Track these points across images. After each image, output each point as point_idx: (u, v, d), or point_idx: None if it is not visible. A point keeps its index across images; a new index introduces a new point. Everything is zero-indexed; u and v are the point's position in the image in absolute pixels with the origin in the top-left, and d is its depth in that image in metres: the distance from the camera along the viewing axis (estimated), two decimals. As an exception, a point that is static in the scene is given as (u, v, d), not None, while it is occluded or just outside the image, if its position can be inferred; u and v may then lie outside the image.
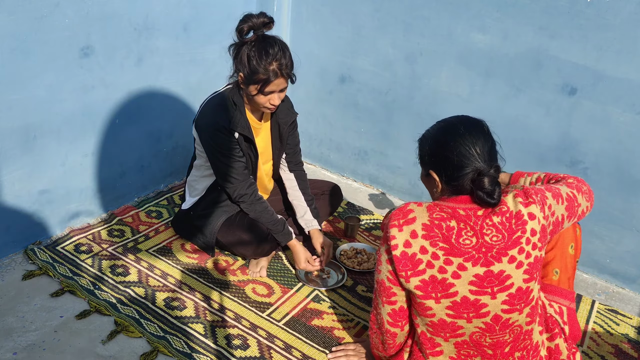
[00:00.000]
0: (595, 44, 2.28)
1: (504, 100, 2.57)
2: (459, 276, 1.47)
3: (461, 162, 1.47)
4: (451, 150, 1.48)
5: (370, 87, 2.96)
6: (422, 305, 1.52)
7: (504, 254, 1.46)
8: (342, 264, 2.45)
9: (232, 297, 2.22)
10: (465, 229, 1.48)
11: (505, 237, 1.47)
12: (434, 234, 1.48)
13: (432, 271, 1.47)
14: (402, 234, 1.50)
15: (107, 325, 2.03)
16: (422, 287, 1.49)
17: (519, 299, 1.49)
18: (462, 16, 2.56)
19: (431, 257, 1.47)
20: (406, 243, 1.49)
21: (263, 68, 2.00)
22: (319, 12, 2.98)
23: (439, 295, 1.49)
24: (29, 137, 2.23)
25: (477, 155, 1.47)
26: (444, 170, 1.51)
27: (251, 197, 2.26)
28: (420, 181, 1.67)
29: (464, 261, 1.46)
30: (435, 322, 1.54)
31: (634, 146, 2.32)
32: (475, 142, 1.47)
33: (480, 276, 1.46)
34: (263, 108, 2.15)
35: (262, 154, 2.34)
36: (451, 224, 1.48)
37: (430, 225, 1.48)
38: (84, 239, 2.46)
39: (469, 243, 1.47)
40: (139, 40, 2.49)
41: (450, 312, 1.50)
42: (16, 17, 2.03)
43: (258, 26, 2.01)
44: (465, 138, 1.48)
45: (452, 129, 1.52)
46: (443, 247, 1.47)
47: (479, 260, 1.46)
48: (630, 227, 2.42)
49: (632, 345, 2.19)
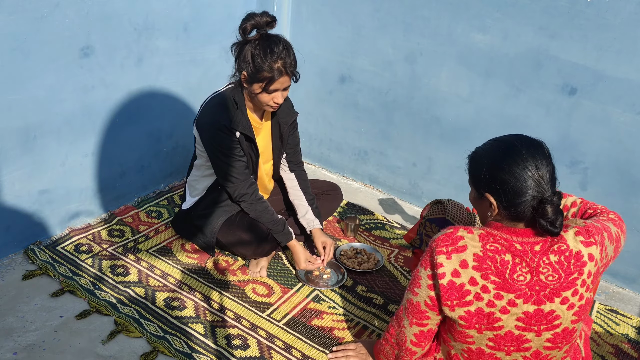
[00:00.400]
0: (595, 44, 2.28)
1: (504, 100, 2.57)
2: (508, 312, 1.41)
3: (524, 188, 1.37)
4: (513, 175, 1.38)
5: (370, 87, 2.96)
6: (463, 333, 1.47)
7: (558, 294, 1.40)
8: (342, 264, 2.45)
9: (232, 297, 2.22)
10: (521, 265, 1.41)
11: (562, 278, 1.40)
12: (486, 266, 1.41)
13: (480, 304, 1.42)
14: (450, 262, 1.42)
15: (107, 325, 2.03)
16: (466, 318, 1.44)
17: (563, 338, 1.46)
18: (462, 16, 2.56)
19: (481, 289, 1.41)
20: (454, 272, 1.42)
21: (268, 66, 2.01)
22: (319, 12, 2.98)
23: (483, 327, 1.44)
24: (29, 137, 2.23)
25: (541, 181, 1.37)
26: (503, 194, 1.40)
27: (252, 196, 2.26)
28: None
29: (516, 298, 1.40)
30: (473, 349, 1.49)
31: (634, 146, 2.32)
32: (539, 166, 1.38)
33: (529, 314, 1.41)
34: (266, 106, 2.15)
35: (263, 154, 2.34)
36: (506, 258, 1.41)
37: (483, 257, 1.41)
38: (84, 239, 2.46)
39: (522, 280, 1.40)
40: (139, 40, 2.49)
41: (491, 344, 1.46)
42: (16, 17, 2.03)
43: (262, 25, 2.02)
44: (528, 162, 1.38)
45: (514, 152, 1.40)
46: (495, 282, 1.40)
47: (531, 298, 1.40)
48: (630, 227, 2.42)
49: (632, 345, 2.19)
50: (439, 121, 2.80)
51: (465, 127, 2.73)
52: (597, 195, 2.46)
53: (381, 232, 2.76)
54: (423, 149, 2.91)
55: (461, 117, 2.73)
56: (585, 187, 2.47)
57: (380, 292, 2.34)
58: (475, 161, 1.49)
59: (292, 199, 2.48)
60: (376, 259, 2.51)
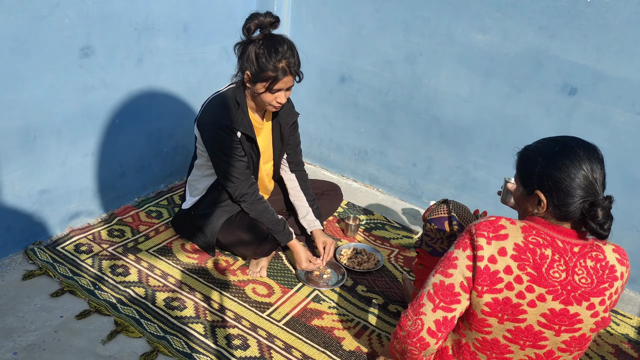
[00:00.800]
0: (595, 44, 2.28)
1: (504, 100, 2.57)
2: (535, 306, 1.41)
3: (577, 188, 1.38)
4: (568, 174, 1.39)
5: (370, 87, 2.96)
6: (483, 321, 1.46)
7: (587, 299, 1.41)
8: (342, 264, 2.45)
9: (232, 297, 2.22)
10: (559, 262, 1.41)
11: (594, 284, 1.41)
12: (525, 257, 1.41)
13: (510, 293, 1.41)
14: (490, 248, 1.42)
15: (107, 325, 2.03)
16: (492, 305, 1.43)
17: (578, 343, 1.46)
18: (462, 16, 2.56)
19: (514, 279, 1.40)
20: (491, 258, 1.41)
21: (272, 66, 2.02)
22: (319, 12, 2.98)
23: (506, 317, 1.43)
24: (29, 137, 2.23)
25: (595, 184, 1.38)
26: (556, 193, 1.40)
27: (252, 196, 2.26)
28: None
29: (547, 293, 1.40)
30: (488, 339, 1.48)
31: (634, 146, 2.32)
32: (594, 169, 1.39)
33: (555, 312, 1.42)
34: (269, 106, 2.15)
35: (263, 154, 2.34)
36: (546, 252, 1.41)
37: (523, 248, 1.41)
38: (84, 239, 2.46)
39: (557, 277, 1.41)
40: (139, 40, 2.49)
41: (509, 336, 1.46)
42: (16, 18, 2.03)
43: (265, 25, 2.03)
44: (584, 163, 1.38)
45: (571, 152, 1.41)
46: (530, 274, 1.40)
47: (561, 297, 1.41)
48: (630, 227, 2.42)
49: (632, 345, 2.19)
50: (439, 121, 2.80)
51: (465, 127, 2.73)
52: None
53: (381, 232, 2.76)
54: (423, 149, 2.91)
55: (461, 117, 2.73)
56: (586, 187, 2.47)
57: (381, 292, 2.34)
58: (527, 158, 1.49)
59: (292, 199, 2.48)
60: (376, 259, 2.51)
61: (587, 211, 1.38)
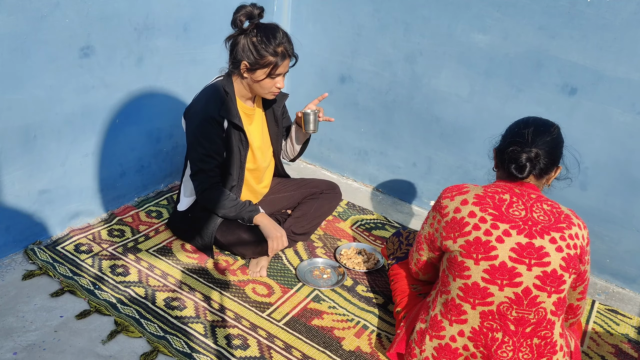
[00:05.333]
0: (595, 44, 2.28)
1: (505, 100, 2.57)
2: (503, 241, 1.58)
3: (511, 142, 1.65)
4: (508, 134, 1.70)
5: (370, 87, 2.96)
6: (462, 264, 1.62)
7: (547, 232, 1.58)
8: (342, 264, 2.45)
9: (232, 297, 2.22)
10: (517, 203, 1.62)
11: (551, 220, 1.60)
12: (485, 202, 1.63)
13: (478, 233, 1.60)
14: (452, 202, 1.67)
15: (107, 325, 2.03)
16: (465, 247, 1.61)
17: (552, 281, 1.57)
18: (462, 16, 2.56)
19: (479, 220, 1.61)
20: (456, 209, 1.65)
21: (272, 51, 2.08)
22: (319, 12, 2.98)
23: (480, 257, 1.59)
24: (29, 137, 2.22)
25: (526, 135, 1.63)
26: (502, 153, 1.68)
27: (213, 187, 2.22)
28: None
29: (510, 228, 1.58)
30: (469, 284, 1.62)
31: (634, 146, 2.32)
32: (529, 130, 1.63)
33: (521, 245, 1.57)
34: (268, 93, 2.20)
35: (258, 142, 2.36)
36: (504, 197, 1.64)
37: (483, 196, 1.65)
38: (84, 238, 2.46)
39: (517, 214, 1.60)
40: (139, 40, 2.49)
41: (486, 276, 1.59)
42: (16, 17, 2.03)
43: (255, 15, 2.09)
44: (523, 125, 1.67)
45: (520, 121, 1.71)
46: (492, 213, 1.61)
47: (524, 231, 1.58)
48: (630, 227, 2.42)
49: (632, 345, 2.19)
50: (439, 121, 2.80)
51: (465, 127, 2.73)
52: (597, 195, 2.46)
53: (381, 232, 2.76)
54: (423, 149, 2.91)
55: (461, 117, 2.73)
56: (586, 187, 2.47)
57: (380, 292, 2.34)
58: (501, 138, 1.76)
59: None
60: (376, 259, 2.51)
61: (511, 154, 1.63)
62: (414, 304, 1.95)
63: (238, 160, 2.28)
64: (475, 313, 1.63)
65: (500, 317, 1.61)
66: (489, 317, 1.62)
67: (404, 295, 2.01)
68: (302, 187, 2.61)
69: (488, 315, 1.62)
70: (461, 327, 1.66)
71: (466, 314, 1.64)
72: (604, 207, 2.45)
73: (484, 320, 1.63)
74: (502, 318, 1.61)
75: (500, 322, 1.61)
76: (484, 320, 1.63)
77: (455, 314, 1.66)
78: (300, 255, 2.50)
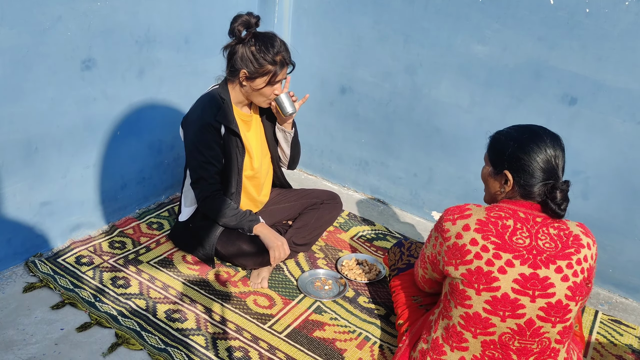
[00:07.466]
0: (594, 54, 2.29)
1: (505, 110, 2.58)
2: (505, 272, 1.51)
3: (541, 170, 1.56)
4: (534, 158, 1.56)
5: (370, 98, 2.97)
6: (463, 293, 1.56)
7: (553, 261, 1.51)
8: (343, 276, 2.44)
9: (233, 309, 2.21)
10: (521, 230, 1.55)
11: (558, 248, 1.53)
12: (487, 229, 1.55)
13: (480, 262, 1.53)
14: (454, 227, 1.59)
15: (108, 337, 2.02)
16: (467, 275, 1.55)
17: (556, 312, 1.52)
18: (461, 27, 2.57)
19: (481, 249, 1.53)
20: (458, 235, 1.58)
21: (271, 60, 2.11)
22: (319, 24, 3.00)
23: (481, 287, 1.53)
24: (30, 149, 2.23)
25: (557, 169, 1.57)
26: (522, 174, 1.57)
27: (214, 196, 2.23)
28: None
29: (513, 258, 1.52)
30: (470, 314, 1.56)
31: (635, 155, 2.32)
32: (557, 155, 1.57)
33: (525, 276, 1.51)
34: (267, 101, 2.22)
35: (256, 148, 2.36)
36: (508, 223, 1.55)
37: (485, 222, 1.56)
38: (85, 250, 2.46)
39: (521, 243, 1.53)
40: (141, 52, 2.51)
41: (488, 307, 1.54)
42: (18, 30, 2.05)
43: (252, 24, 2.12)
44: (549, 149, 1.57)
45: (538, 137, 1.59)
46: (495, 242, 1.53)
47: (528, 261, 1.51)
48: (632, 237, 2.42)
49: (636, 356, 2.17)
50: (440, 131, 2.81)
51: (466, 138, 2.73)
52: (598, 204, 2.45)
53: (382, 243, 2.75)
54: (424, 160, 2.92)
55: (462, 127, 2.73)
56: (587, 196, 2.47)
57: (382, 303, 2.33)
58: (499, 142, 1.65)
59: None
60: (378, 270, 2.51)
61: (549, 192, 1.55)
62: (416, 317, 1.93)
63: (235, 167, 2.28)
64: (476, 342, 1.59)
65: (502, 347, 1.57)
66: (491, 347, 1.58)
67: (405, 307, 2.00)
68: (303, 198, 2.61)
69: (490, 345, 1.58)
70: (462, 353, 1.62)
71: (467, 342, 1.60)
72: (605, 216, 2.44)
73: (486, 349, 1.59)
74: (504, 348, 1.57)
75: (502, 351, 1.58)
76: (485, 349, 1.59)
77: (457, 340, 1.62)
78: (302, 266, 2.50)
